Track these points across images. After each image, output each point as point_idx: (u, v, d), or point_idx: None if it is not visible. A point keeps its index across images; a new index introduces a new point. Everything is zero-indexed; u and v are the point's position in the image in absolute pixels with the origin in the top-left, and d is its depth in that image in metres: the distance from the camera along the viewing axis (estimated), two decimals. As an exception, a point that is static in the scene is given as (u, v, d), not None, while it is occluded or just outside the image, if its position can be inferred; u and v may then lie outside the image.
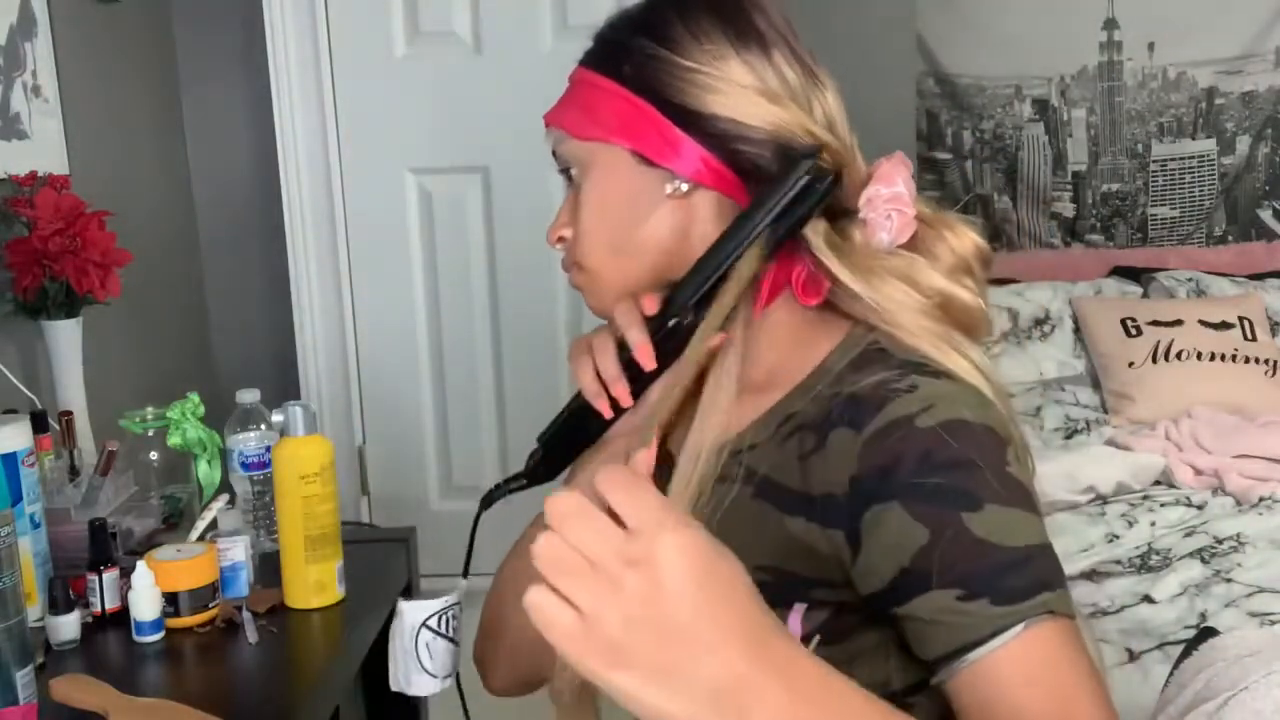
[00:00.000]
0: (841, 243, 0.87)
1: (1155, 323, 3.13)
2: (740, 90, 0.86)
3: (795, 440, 0.84)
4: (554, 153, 0.95)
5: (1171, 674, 1.40)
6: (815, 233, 0.87)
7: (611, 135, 0.89)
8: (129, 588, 1.34)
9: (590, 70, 0.91)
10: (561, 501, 0.59)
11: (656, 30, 0.88)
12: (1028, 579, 0.74)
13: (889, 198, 0.88)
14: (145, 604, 1.33)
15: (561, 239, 0.95)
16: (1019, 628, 0.73)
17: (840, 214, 0.88)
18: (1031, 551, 0.76)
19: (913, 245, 0.89)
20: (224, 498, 1.50)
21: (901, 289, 0.86)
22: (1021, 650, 0.73)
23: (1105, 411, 3.08)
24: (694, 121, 0.86)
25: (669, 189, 0.88)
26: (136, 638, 1.33)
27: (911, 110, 2.88)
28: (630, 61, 0.88)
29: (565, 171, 0.94)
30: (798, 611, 0.82)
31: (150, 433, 1.60)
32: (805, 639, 0.81)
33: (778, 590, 0.80)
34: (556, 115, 0.93)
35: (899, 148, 0.91)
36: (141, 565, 1.34)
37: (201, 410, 1.60)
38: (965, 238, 0.90)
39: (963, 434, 0.77)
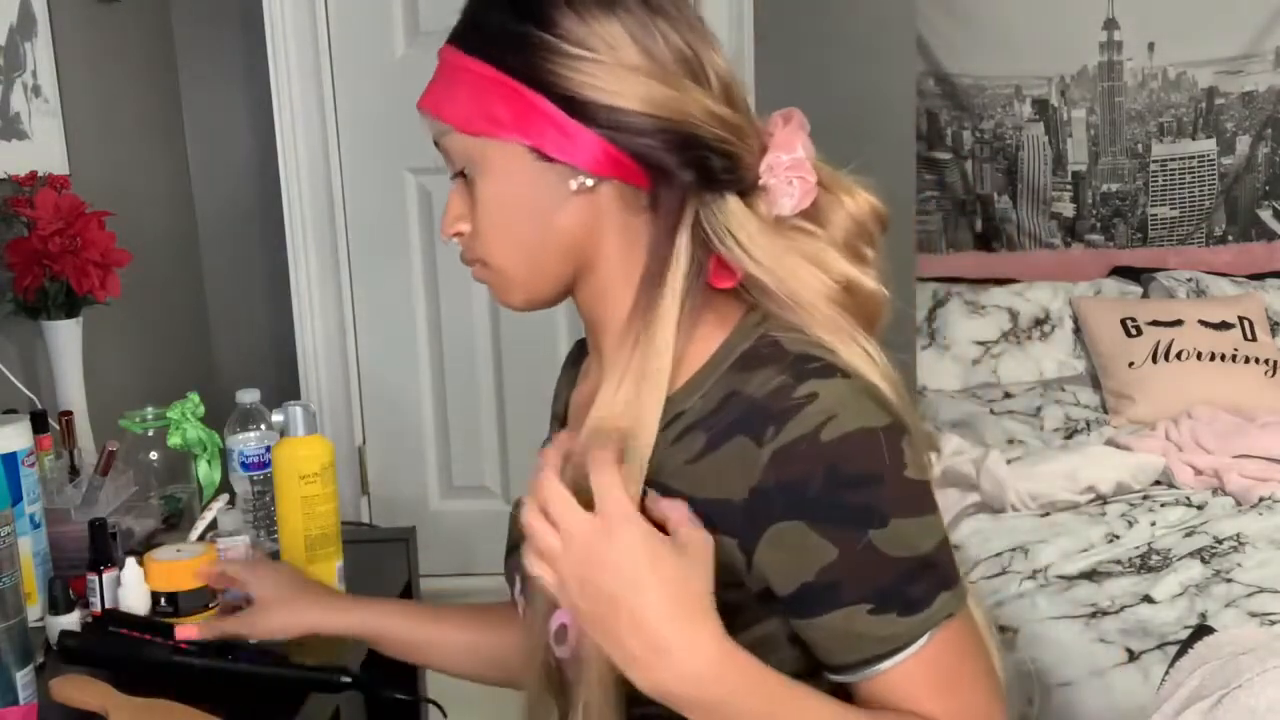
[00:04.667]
0: (748, 224, 0.84)
1: (1155, 323, 3.13)
2: (633, 75, 0.81)
3: (684, 442, 0.82)
4: (436, 143, 0.88)
5: (1168, 671, 1.40)
6: (721, 218, 0.84)
7: (506, 132, 0.83)
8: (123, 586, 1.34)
9: (469, 56, 0.84)
10: (545, 489, 0.75)
11: (539, 12, 0.82)
12: (929, 583, 0.77)
13: (790, 164, 0.85)
14: (135, 601, 1.32)
15: (458, 234, 0.89)
16: (924, 639, 0.77)
17: (748, 189, 0.85)
18: (932, 556, 0.78)
19: (811, 209, 0.86)
20: (224, 498, 1.50)
21: (811, 272, 0.84)
22: (926, 659, 0.77)
23: (1105, 411, 3.08)
24: (589, 112, 0.81)
25: (573, 185, 0.83)
26: (130, 633, 1.32)
27: (911, 110, 2.88)
28: (515, 50, 0.82)
29: (458, 173, 0.88)
30: None
31: (150, 433, 1.60)
32: None
33: None
34: (436, 104, 0.87)
35: (899, 148, 0.90)
36: (131, 562, 1.34)
37: (201, 410, 1.60)
38: (862, 200, 0.88)
39: (867, 445, 0.77)
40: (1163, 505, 2.52)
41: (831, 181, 0.88)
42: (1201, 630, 1.38)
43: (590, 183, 0.83)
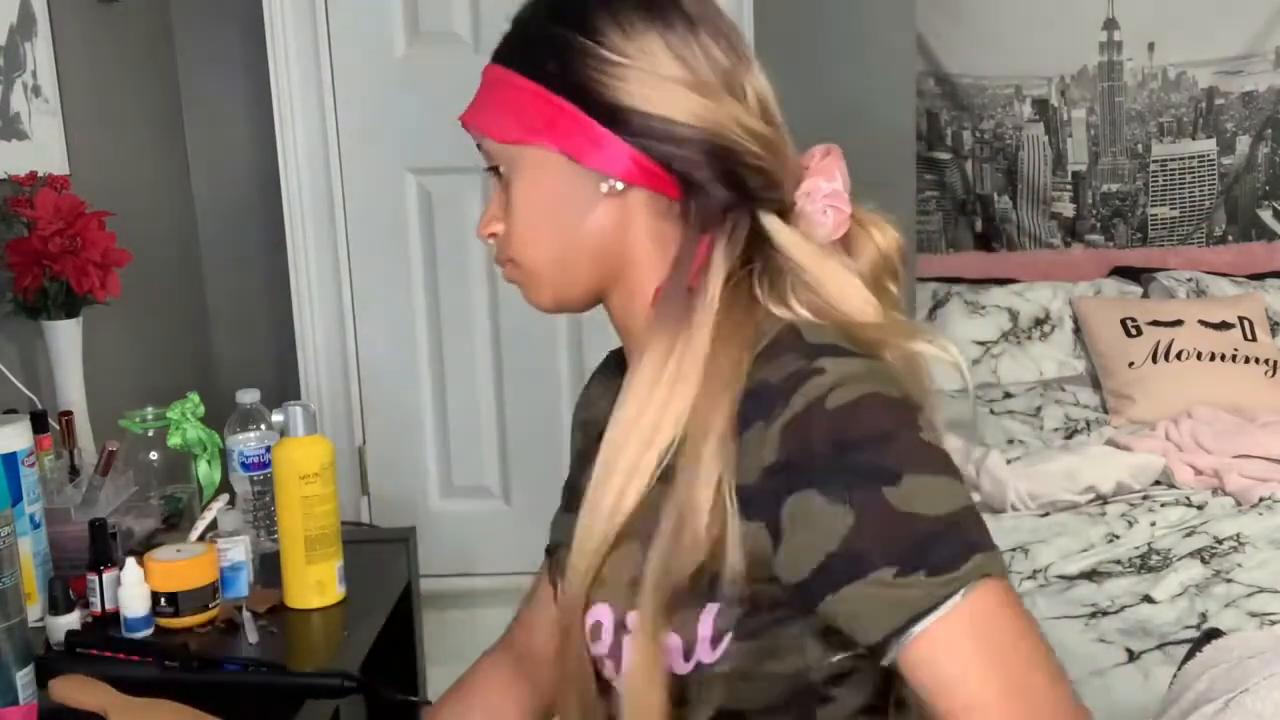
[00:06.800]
0: (792, 237, 0.86)
1: (1155, 323, 3.13)
2: (670, 85, 0.83)
3: None
4: (479, 147, 0.92)
5: (1176, 674, 1.40)
6: (764, 232, 0.85)
7: (537, 138, 0.86)
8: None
9: (508, 70, 0.88)
10: None
11: (579, 20, 0.84)
12: (957, 545, 0.74)
13: (828, 194, 0.87)
14: (135, 601, 1.33)
15: (493, 235, 0.92)
16: (958, 596, 0.73)
17: (784, 211, 0.87)
18: (956, 517, 0.75)
19: (841, 240, 0.88)
20: (224, 498, 1.50)
21: (856, 286, 0.85)
22: (965, 616, 0.73)
23: (1105, 411, 3.08)
24: (622, 119, 0.83)
25: (604, 188, 0.85)
26: (126, 634, 1.32)
27: (911, 110, 2.88)
28: (552, 56, 0.85)
29: (493, 169, 0.91)
30: (710, 611, 0.81)
31: (150, 433, 1.60)
32: (717, 637, 0.80)
33: (690, 591, 0.80)
34: (476, 118, 0.90)
35: (899, 148, 0.90)
36: (131, 562, 1.34)
37: (201, 410, 1.60)
38: (890, 236, 0.90)
39: (873, 407, 0.77)
40: (1163, 505, 2.52)
41: (863, 216, 0.90)
42: (1211, 634, 1.38)
43: (620, 186, 0.85)
